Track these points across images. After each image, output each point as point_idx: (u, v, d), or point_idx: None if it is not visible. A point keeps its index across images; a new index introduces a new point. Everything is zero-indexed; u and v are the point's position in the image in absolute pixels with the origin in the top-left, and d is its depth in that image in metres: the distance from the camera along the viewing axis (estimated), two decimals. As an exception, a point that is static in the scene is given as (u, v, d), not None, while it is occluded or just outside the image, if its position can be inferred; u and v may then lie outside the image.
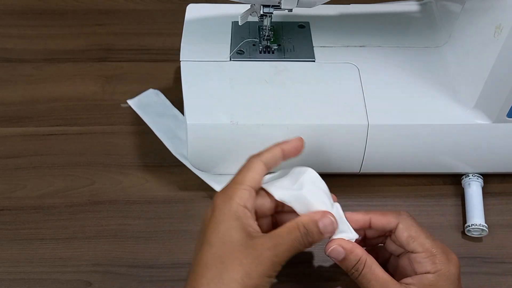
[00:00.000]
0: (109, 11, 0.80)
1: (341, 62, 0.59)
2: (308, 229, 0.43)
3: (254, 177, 0.45)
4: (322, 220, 0.44)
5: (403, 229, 0.45)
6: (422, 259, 0.44)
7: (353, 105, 0.55)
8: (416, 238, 0.45)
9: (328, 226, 0.44)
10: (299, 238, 0.43)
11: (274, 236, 0.43)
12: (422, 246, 0.45)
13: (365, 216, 0.47)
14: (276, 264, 0.42)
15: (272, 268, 0.42)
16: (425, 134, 0.55)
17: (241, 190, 0.44)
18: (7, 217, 0.56)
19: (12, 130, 0.64)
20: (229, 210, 0.43)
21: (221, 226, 0.42)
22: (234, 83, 0.57)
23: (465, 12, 0.57)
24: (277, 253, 0.42)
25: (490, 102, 0.53)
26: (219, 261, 0.41)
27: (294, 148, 0.48)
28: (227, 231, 0.42)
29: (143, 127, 0.64)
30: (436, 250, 0.45)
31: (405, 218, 0.46)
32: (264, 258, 0.41)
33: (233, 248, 0.41)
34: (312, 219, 0.44)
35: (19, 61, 0.73)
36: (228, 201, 0.43)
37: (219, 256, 0.41)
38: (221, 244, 0.42)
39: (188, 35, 0.61)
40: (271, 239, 0.42)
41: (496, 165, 0.58)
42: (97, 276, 0.52)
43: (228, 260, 0.41)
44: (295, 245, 0.43)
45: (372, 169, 0.58)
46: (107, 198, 0.58)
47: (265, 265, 0.41)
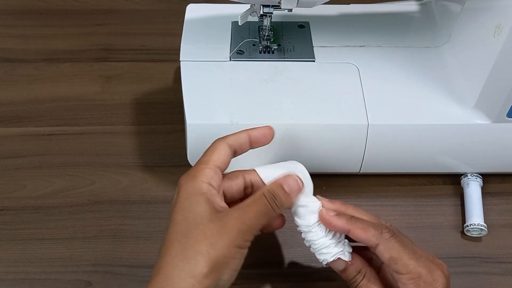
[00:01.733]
0: (109, 11, 0.80)
1: (341, 62, 0.59)
2: (274, 193, 0.43)
3: (219, 157, 0.45)
4: (286, 181, 0.44)
5: (384, 250, 0.43)
6: (407, 280, 0.42)
7: (353, 105, 0.55)
8: (398, 259, 0.42)
9: (293, 185, 0.44)
10: (265, 203, 0.42)
11: (240, 205, 0.42)
12: (406, 268, 0.42)
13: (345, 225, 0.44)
14: (245, 232, 0.41)
15: (240, 237, 0.41)
16: (425, 134, 0.55)
17: (205, 169, 0.44)
18: (7, 217, 0.56)
19: (12, 130, 0.64)
20: (192, 187, 0.42)
21: (185, 203, 0.42)
22: (234, 83, 0.57)
23: (465, 12, 0.57)
24: (243, 221, 0.41)
25: (490, 102, 0.53)
26: (183, 236, 0.40)
27: (262, 135, 0.47)
28: (190, 206, 0.41)
29: (143, 127, 0.65)
30: (421, 270, 0.42)
31: (386, 239, 0.43)
32: (230, 227, 0.40)
33: (197, 222, 0.41)
34: (275, 183, 0.44)
35: (19, 61, 0.73)
36: (191, 179, 0.43)
37: (183, 232, 0.40)
38: (185, 219, 0.41)
39: (188, 35, 0.61)
40: (237, 209, 0.42)
41: (495, 165, 0.58)
42: (97, 276, 0.52)
43: (191, 234, 0.40)
44: (263, 210, 0.42)
45: (372, 169, 0.58)
46: (107, 198, 0.58)
47: (231, 234, 0.40)
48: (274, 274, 0.53)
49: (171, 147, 0.63)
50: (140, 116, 0.66)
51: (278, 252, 0.54)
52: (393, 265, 0.43)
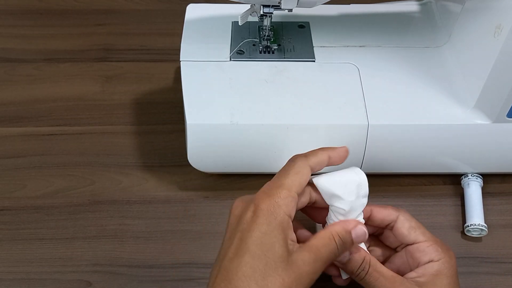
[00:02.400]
0: (109, 11, 0.80)
1: (341, 62, 0.59)
2: (343, 240, 0.43)
3: (301, 183, 0.43)
4: (356, 230, 0.43)
5: (404, 220, 0.46)
6: (426, 247, 0.45)
7: (353, 105, 0.55)
8: (417, 228, 0.46)
9: (361, 236, 0.44)
10: (335, 249, 0.42)
11: (312, 250, 0.41)
12: (424, 235, 0.46)
13: (366, 207, 0.46)
14: (313, 280, 0.41)
15: (309, 285, 0.41)
16: (425, 134, 0.55)
17: (289, 198, 0.41)
18: (7, 217, 0.56)
19: (12, 130, 0.64)
20: (275, 219, 0.40)
21: (266, 237, 0.40)
22: (234, 83, 0.57)
23: (465, 12, 0.57)
24: (315, 270, 0.41)
25: (490, 102, 0.53)
26: (261, 277, 0.39)
27: (339, 158, 0.47)
28: (271, 244, 0.40)
29: (143, 127, 0.65)
30: (437, 239, 0.46)
31: (404, 212, 0.47)
32: (305, 276, 0.40)
33: (276, 264, 0.39)
34: (345, 229, 0.43)
35: (19, 61, 0.73)
36: (274, 209, 0.41)
37: (261, 271, 0.39)
38: (264, 257, 0.39)
39: (188, 35, 0.61)
40: (310, 254, 0.41)
41: (495, 165, 0.58)
42: (97, 276, 0.52)
43: (270, 276, 0.39)
44: (331, 257, 0.42)
45: (372, 169, 0.58)
46: (107, 198, 0.58)
47: (304, 284, 0.40)
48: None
49: (171, 147, 0.63)
50: (140, 116, 0.66)
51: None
52: (412, 234, 0.46)
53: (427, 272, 0.44)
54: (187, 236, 0.55)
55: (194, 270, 0.53)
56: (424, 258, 0.45)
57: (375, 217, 0.47)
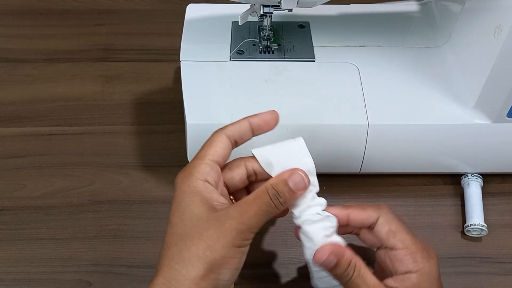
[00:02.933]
0: (109, 11, 0.80)
1: (341, 62, 0.59)
2: (278, 189, 0.41)
3: (216, 151, 0.43)
4: (292, 177, 0.41)
5: (384, 223, 0.43)
6: (403, 256, 0.42)
7: (353, 105, 0.55)
8: (397, 233, 0.43)
9: (299, 182, 0.41)
10: (268, 200, 0.40)
11: (240, 204, 0.40)
12: (403, 242, 0.42)
13: (343, 211, 0.44)
14: (244, 232, 0.39)
15: (239, 236, 0.39)
16: (425, 134, 0.55)
17: (200, 165, 0.42)
18: (7, 217, 0.56)
19: (12, 130, 0.64)
20: (188, 186, 0.41)
21: (181, 204, 0.40)
22: (234, 83, 0.57)
23: (465, 12, 0.57)
24: (243, 220, 0.39)
25: (490, 102, 0.53)
26: (179, 239, 0.39)
27: (264, 122, 0.45)
28: (186, 207, 0.40)
29: (143, 127, 0.65)
30: (417, 247, 0.42)
31: (386, 212, 0.44)
32: (227, 227, 0.39)
33: (193, 223, 0.39)
34: (280, 179, 0.41)
35: (19, 61, 0.73)
36: (187, 177, 0.41)
37: (179, 234, 0.40)
38: (181, 221, 0.40)
39: (188, 35, 0.61)
40: (237, 208, 0.40)
41: (495, 165, 0.58)
42: (97, 276, 0.52)
43: (187, 235, 0.39)
44: (264, 208, 0.40)
45: (372, 169, 0.58)
46: (107, 198, 0.58)
47: (229, 235, 0.39)
48: (273, 275, 0.53)
49: (171, 147, 0.63)
50: (140, 116, 0.66)
51: (278, 253, 0.54)
52: (391, 239, 0.43)
53: (405, 284, 0.42)
54: (187, 236, 0.55)
55: (194, 270, 0.53)
56: (402, 268, 0.42)
57: (354, 221, 0.44)
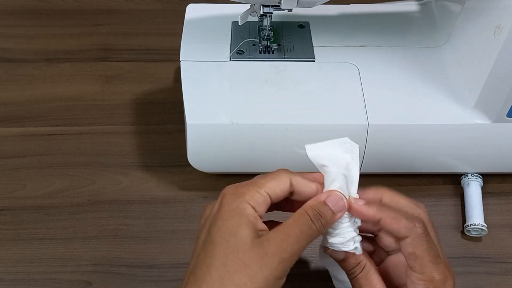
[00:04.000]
0: (109, 11, 0.80)
1: (341, 62, 0.59)
2: (319, 211, 0.39)
3: (275, 188, 0.41)
4: (330, 198, 0.40)
5: (409, 245, 0.41)
6: (417, 280, 0.41)
7: (353, 105, 0.55)
8: (419, 258, 0.41)
9: (338, 202, 0.40)
10: (309, 222, 0.39)
11: (280, 228, 0.38)
12: (422, 269, 0.41)
13: (376, 214, 0.42)
14: (285, 261, 0.38)
15: (281, 267, 0.38)
16: (425, 134, 0.55)
17: (255, 192, 0.40)
18: (7, 217, 0.56)
19: (12, 130, 0.64)
20: (237, 207, 0.39)
21: (227, 224, 0.38)
22: (234, 83, 0.57)
23: (465, 12, 0.57)
24: (285, 248, 0.37)
25: (490, 102, 0.53)
26: (221, 263, 0.37)
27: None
28: (233, 229, 0.38)
29: (143, 127, 0.65)
30: (436, 276, 0.40)
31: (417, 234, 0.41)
32: (270, 257, 0.37)
33: (238, 248, 0.37)
34: (318, 200, 0.40)
35: (19, 61, 0.73)
36: (238, 197, 0.39)
37: (221, 257, 0.37)
38: (225, 243, 0.38)
39: (188, 35, 0.61)
40: (278, 233, 0.38)
41: (495, 165, 0.58)
42: (97, 276, 0.52)
43: (231, 262, 0.37)
44: (306, 231, 0.38)
45: (372, 169, 0.58)
46: (107, 198, 0.58)
47: (272, 265, 0.37)
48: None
49: (171, 147, 0.63)
50: (140, 116, 0.66)
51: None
52: (411, 261, 0.41)
53: None
54: (187, 236, 0.55)
55: (194, 270, 0.53)
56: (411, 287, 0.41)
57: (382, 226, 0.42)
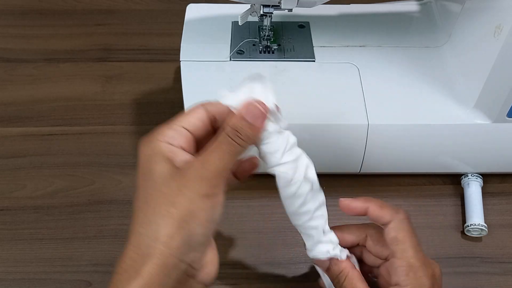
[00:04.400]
0: (109, 11, 0.80)
1: (341, 62, 0.59)
2: (236, 127, 0.38)
3: (188, 119, 0.39)
4: (247, 110, 0.39)
5: (393, 228, 0.43)
6: (398, 266, 0.42)
7: (353, 105, 0.55)
8: (401, 243, 0.42)
9: (255, 111, 0.39)
10: (229, 141, 0.38)
11: (201, 153, 0.38)
12: (402, 253, 0.42)
13: (364, 203, 0.45)
14: (208, 178, 0.36)
15: (204, 184, 0.36)
16: (425, 134, 0.55)
17: (165, 129, 0.39)
18: (7, 217, 0.56)
19: (12, 130, 0.64)
20: (149, 148, 0.38)
21: (144, 166, 0.38)
22: (234, 83, 0.56)
23: (465, 12, 0.57)
24: (204, 167, 0.37)
25: (490, 102, 0.53)
26: (144, 202, 0.37)
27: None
28: (148, 169, 0.38)
29: (143, 127, 0.65)
30: (415, 262, 0.42)
31: (400, 219, 0.43)
32: (189, 178, 0.36)
33: (156, 183, 0.37)
34: (236, 116, 0.39)
35: (19, 61, 0.73)
36: (149, 141, 0.39)
37: (143, 197, 0.37)
38: (144, 183, 0.38)
39: (188, 35, 0.61)
40: (198, 158, 0.37)
41: (495, 165, 0.58)
42: (97, 276, 0.52)
43: (151, 197, 0.37)
44: (226, 148, 0.38)
45: (372, 169, 0.58)
46: (107, 198, 0.58)
47: (193, 185, 0.36)
48: (273, 274, 0.53)
49: (171, 147, 0.63)
50: (140, 116, 0.66)
51: (278, 252, 0.54)
52: (393, 245, 0.43)
53: None
54: (187, 236, 0.55)
55: (194, 270, 0.53)
56: (394, 278, 0.42)
57: (370, 214, 0.45)
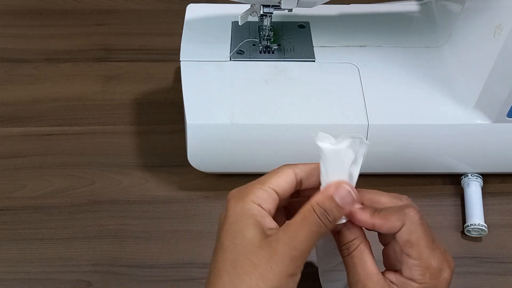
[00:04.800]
0: (109, 11, 0.80)
1: (341, 62, 0.59)
2: (325, 207, 0.39)
3: (279, 182, 0.41)
4: (338, 192, 0.39)
5: (405, 232, 0.40)
6: (414, 266, 0.40)
7: (353, 105, 0.55)
8: (415, 245, 0.40)
9: (346, 197, 0.39)
10: (317, 220, 0.38)
11: (289, 227, 0.38)
12: (419, 255, 0.40)
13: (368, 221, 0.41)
14: (296, 258, 0.37)
15: (292, 264, 0.37)
16: (425, 134, 0.55)
17: (258, 189, 0.40)
18: (7, 217, 0.56)
19: (12, 130, 0.64)
20: (241, 208, 0.39)
21: (234, 227, 0.38)
22: (234, 83, 0.57)
23: (465, 12, 0.57)
24: (294, 246, 0.37)
25: (490, 102, 0.53)
26: (231, 266, 0.37)
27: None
28: (239, 231, 0.38)
29: (143, 127, 0.65)
30: (433, 262, 0.40)
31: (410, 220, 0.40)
32: (280, 255, 0.37)
33: (245, 250, 0.37)
34: (326, 195, 0.39)
35: (19, 61, 0.73)
36: (241, 198, 0.39)
37: (231, 260, 0.37)
38: (233, 246, 0.38)
39: (188, 35, 0.61)
40: (286, 232, 0.38)
41: (496, 165, 0.58)
42: (97, 276, 0.52)
43: (240, 263, 0.37)
44: (314, 229, 0.38)
45: (372, 168, 0.58)
46: (107, 198, 0.58)
47: (282, 263, 0.37)
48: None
49: (172, 147, 0.63)
50: (140, 116, 0.66)
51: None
52: (407, 248, 0.40)
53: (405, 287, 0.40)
54: (187, 236, 0.55)
55: (194, 270, 0.53)
56: (408, 273, 0.40)
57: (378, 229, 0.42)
